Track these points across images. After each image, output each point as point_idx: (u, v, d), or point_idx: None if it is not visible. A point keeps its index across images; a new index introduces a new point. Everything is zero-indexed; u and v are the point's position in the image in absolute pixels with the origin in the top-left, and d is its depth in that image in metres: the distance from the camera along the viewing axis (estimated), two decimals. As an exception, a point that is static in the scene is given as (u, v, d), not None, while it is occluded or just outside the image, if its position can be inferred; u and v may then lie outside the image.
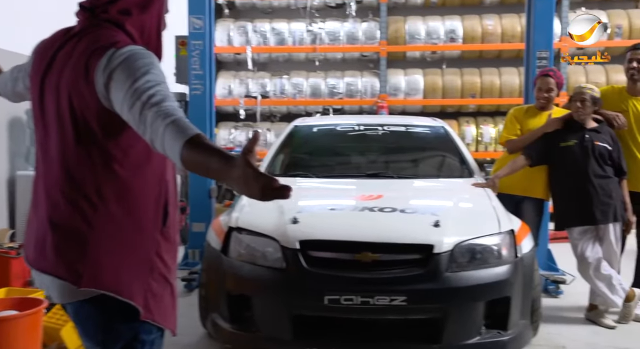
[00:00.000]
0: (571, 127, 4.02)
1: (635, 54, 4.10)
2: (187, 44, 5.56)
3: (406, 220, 3.27)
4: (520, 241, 3.35)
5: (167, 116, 1.46)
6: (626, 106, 4.10)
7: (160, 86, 1.55)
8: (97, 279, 1.65)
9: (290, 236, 3.13)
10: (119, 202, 1.69)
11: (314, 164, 4.50)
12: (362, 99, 9.28)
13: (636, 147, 4.07)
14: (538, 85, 4.23)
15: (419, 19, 9.30)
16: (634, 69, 4.07)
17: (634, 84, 4.11)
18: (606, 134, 3.99)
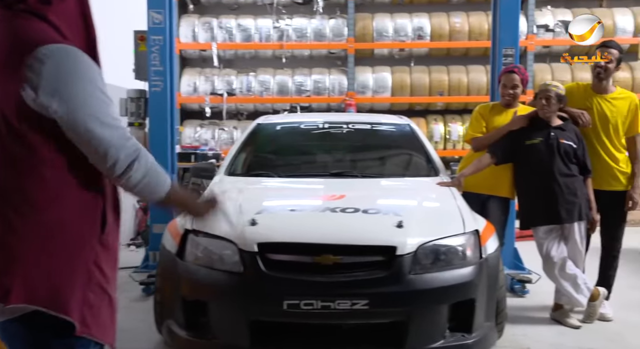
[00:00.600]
0: (536, 124, 3.97)
1: (601, 52, 4.07)
2: (147, 39, 5.38)
3: (368, 221, 3.16)
4: (485, 241, 3.28)
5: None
6: (590, 103, 4.07)
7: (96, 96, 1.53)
8: (27, 295, 1.53)
9: (248, 239, 3.00)
10: (50, 209, 1.55)
11: (277, 163, 4.38)
12: (329, 97, 9.19)
13: (600, 145, 4.05)
14: (503, 82, 4.17)
15: (386, 16, 9.24)
16: (601, 67, 4.03)
17: (599, 82, 4.09)
18: (571, 132, 3.95)
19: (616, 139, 4.06)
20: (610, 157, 4.06)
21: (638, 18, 8.99)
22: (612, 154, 4.06)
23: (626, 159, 4.12)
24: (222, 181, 4.00)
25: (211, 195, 2.02)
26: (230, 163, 4.27)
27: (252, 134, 4.64)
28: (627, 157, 4.12)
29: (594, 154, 4.02)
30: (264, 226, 3.07)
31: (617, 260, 4.22)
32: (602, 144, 4.05)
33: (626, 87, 8.77)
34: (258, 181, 4.01)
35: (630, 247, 6.33)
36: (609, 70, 4.04)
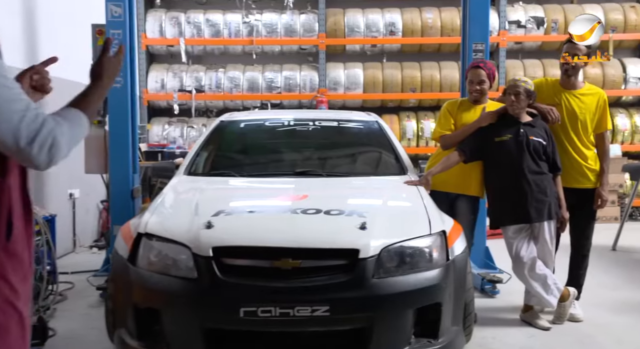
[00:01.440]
0: (506, 121, 3.87)
1: (571, 48, 3.98)
2: (105, 33, 5.16)
3: (330, 222, 3.02)
4: (452, 242, 3.16)
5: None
6: (559, 99, 3.98)
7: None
8: None
9: (202, 242, 2.84)
10: None
11: (239, 162, 4.22)
12: (301, 94, 9.04)
13: (568, 142, 3.96)
14: (469, 78, 4.06)
15: (358, 12, 9.12)
16: (568, 63, 3.95)
17: (567, 78, 4.00)
18: (541, 128, 3.85)
19: (585, 136, 3.98)
20: (578, 155, 3.97)
21: (609, 14, 8.99)
22: (580, 152, 3.97)
23: (595, 156, 4.04)
24: (180, 182, 3.83)
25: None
26: (191, 162, 4.09)
27: (215, 132, 4.47)
28: (595, 155, 4.05)
29: (562, 151, 3.94)
30: (220, 229, 2.91)
31: (587, 259, 4.15)
32: (571, 141, 3.96)
33: (597, 84, 8.79)
34: (218, 181, 3.84)
35: (601, 244, 6.33)
36: (577, 66, 3.95)
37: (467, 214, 4.01)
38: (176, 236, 2.93)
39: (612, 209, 8.34)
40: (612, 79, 8.99)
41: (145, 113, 8.99)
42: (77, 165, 5.40)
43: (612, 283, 5.09)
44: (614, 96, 9.07)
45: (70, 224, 6.27)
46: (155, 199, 3.53)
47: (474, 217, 4.07)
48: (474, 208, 4.07)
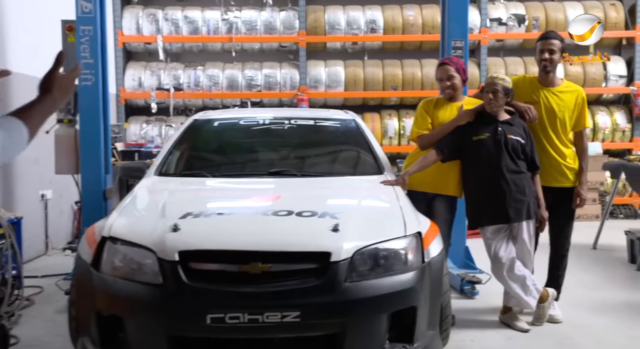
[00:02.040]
0: (484, 119, 3.80)
1: (545, 44, 3.91)
2: (76, 29, 5.02)
3: (302, 225, 2.91)
4: (428, 244, 3.07)
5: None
6: (537, 97, 3.91)
7: None
8: None
9: (168, 246, 2.72)
10: None
11: (212, 162, 4.11)
12: (281, 92, 8.93)
13: (547, 140, 3.89)
14: (438, 76, 3.99)
15: (338, 9, 9.02)
16: (546, 60, 3.88)
17: (546, 75, 3.93)
18: (519, 126, 3.78)
19: (563, 134, 3.92)
20: (557, 153, 3.91)
21: (590, 12, 8.94)
22: (559, 150, 3.91)
23: (573, 154, 3.98)
24: (150, 182, 3.71)
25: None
26: (162, 162, 3.97)
27: (188, 131, 4.35)
28: (574, 153, 3.98)
29: (541, 149, 3.87)
30: (187, 233, 2.80)
31: (566, 259, 4.09)
32: (549, 139, 3.90)
33: (578, 82, 8.78)
34: (189, 181, 3.73)
35: (581, 243, 6.31)
36: (554, 61, 3.89)
37: (445, 214, 3.93)
38: (141, 239, 2.81)
39: (593, 207, 8.34)
40: (593, 77, 8.99)
41: (122, 112, 8.82)
42: (49, 165, 5.25)
43: (592, 282, 5.05)
44: (595, 93, 9.08)
45: (42, 226, 6.11)
46: (123, 200, 3.40)
47: (452, 218, 3.99)
48: (452, 208, 3.99)
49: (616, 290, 4.83)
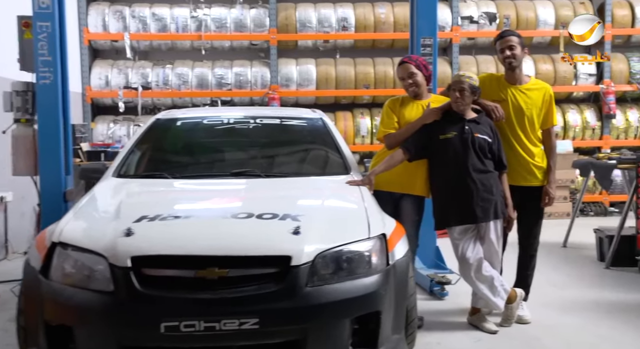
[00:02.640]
0: (450, 118, 3.73)
1: (503, 42, 3.85)
2: (32, 25, 4.84)
3: (261, 227, 2.81)
4: (393, 246, 2.99)
5: None
6: (505, 95, 3.86)
7: None
8: None
9: (120, 252, 2.60)
10: None
11: (173, 163, 3.98)
12: (252, 90, 8.81)
13: (515, 138, 3.84)
14: (399, 76, 3.93)
15: (310, 6, 8.93)
16: (509, 57, 3.82)
17: (512, 72, 3.88)
18: (486, 125, 3.73)
19: (531, 132, 3.87)
20: (525, 152, 3.86)
21: (559, 11, 9.03)
22: (527, 148, 3.86)
23: (542, 153, 3.93)
24: (107, 184, 3.57)
25: None
26: (121, 164, 3.83)
27: (149, 131, 4.20)
28: (542, 151, 3.94)
29: (509, 148, 3.82)
30: (140, 237, 2.68)
31: (534, 259, 4.05)
32: (517, 137, 3.84)
33: (548, 80, 8.84)
34: (148, 183, 3.60)
35: (551, 241, 6.32)
36: (518, 56, 3.84)
37: (412, 215, 3.85)
38: (92, 245, 2.69)
39: (563, 205, 8.37)
40: (563, 75, 9.04)
41: (88, 111, 8.61)
42: (7, 167, 5.06)
43: (562, 281, 5.03)
44: (565, 92, 9.13)
45: (1, 229, 5.90)
46: (77, 204, 3.27)
47: (419, 218, 3.92)
48: (419, 208, 3.92)
49: (585, 289, 4.81)
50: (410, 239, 3.80)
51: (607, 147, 8.95)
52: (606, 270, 5.41)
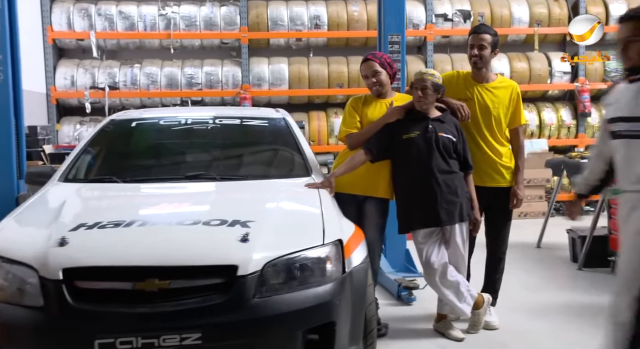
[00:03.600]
0: (414, 116, 3.59)
1: (475, 39, 3.72)
2: (-20, 22, 4.62)
3: (207, 235, 2.64)
4: (350, 252, 2.84)
5: None
6: (471, 93, 3.73)
7: None
8: None
9: (51, 263, 2.42)
10: None
11: (125, 167, 3.79)
12: (223, 90, 8.61)
13: (481, 138, 3.71)
14: (363, 73, 3.79)
15: (281, 4, 8.75)
16: (476, 56, 3.69)
17: (478, 70, 3.75)
18: (450, 124, 3.59)
19: (498, 132, 3.74)
20: (492, 151, 3.73)
21: (533, 8, 8.95)
22: (494, 148, 3.73)
23: (510, 153, 3.80)
24: (50, 189, 3.37)
25: None
26: (68, 167, 3.63)
27: (102, 132, 4.02)
28: (510, 151, 3.81)
29: (475, 147, 3.69)
30: (75, 247, 2.50)
31: (502, 262, 3.92)
32: (484, 137, 3.71)
33: (523, 78, 8.77)
34: (95, 188, 3.41)
35: (526, 242, 6.21)
36: (485, 57, 3.70)
37: (375, 218, 3.71)
38: (23, 255, 2.50)
39: (539, 204, 8.29)
40: (538, 73, 8.95)
41: (53, 112, 8.36)
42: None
43: (533, 283, 4.92)
44: (540, 90, 9.06)
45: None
46: (13, 211, 3.06)
47: (383, 221, 3.77)
48: (383, 211, 3.77)
49: (556, 291, 4.70)
50: (374, 243, 3.67)
51: (583, 146, 8.89)
52: (579, 271, 5.31)
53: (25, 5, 7.79)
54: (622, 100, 2.65)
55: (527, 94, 9.06)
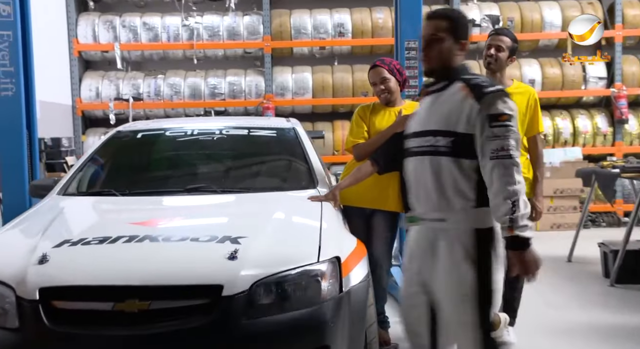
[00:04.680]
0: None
1: (494, 39, 3.53)
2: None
3: (193, 252, 2.51)
4: (349, 270, 2.67)
5: None
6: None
7: None
8: None
9: (28, 282, 2.32)
10: None
11: (126, 179, 3.71)
12: (246, 100, 8.53)
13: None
14: (371, 80, 3.62)
15: (305, 12, 8.65)
16: (491, 56, 3.49)
17: (492, 74, 3.54)
18: None
19: (515, 141, 3.51)
20: (509, 162, 3.50)
21: (566, 11, 8.62)
22: (510, 159, 3.50)
23: (527, 163, 3.57)
24: (47, 203, 3.30)
25: None
26: (69, 180, 3.56)
27: (107, 144, 3.97)
28: (528, 162, 3.58)
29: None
30: (55, 264, 2.39)
31: (521, 280, 3.65)
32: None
33: (556, 84, 8.45)
34: (90, 201, 3.33)
35: (556, 255, 5.90)
36: (500, 59, 3.49)
37: (384, 232, 3.53)
38: (2, 273, 2.41)
39: (573, 215, 7.93)
40: (572, 79, 8.60)
41: (79, 124, 8.42)
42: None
43: (560, 301, 4.63)
44: (574, 96, 8.71)
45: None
46: (5, 225, 3.00)
47: (392, 235, 3.58)
48: (393, 225, 3.58)
49: (584, 310, 4.41)
50: (382, 259, 3.50)
51: (620, 155, 8.47)
52: (610, 288, 4.99)
53: (52, 18, 7.94)
54: (419, 113, 2.56)
55: (560, 100, 8.73)
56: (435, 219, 2.43)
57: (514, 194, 2.26)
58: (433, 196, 2.41)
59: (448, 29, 2.43)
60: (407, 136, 2.56)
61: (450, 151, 2.36)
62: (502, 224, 2.28)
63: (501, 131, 2.30)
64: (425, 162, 2.42)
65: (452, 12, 2.57)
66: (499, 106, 2.33)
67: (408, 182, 2.56)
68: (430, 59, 2.46)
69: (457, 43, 2.46)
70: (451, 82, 2.45)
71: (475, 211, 2.37)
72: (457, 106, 2.37)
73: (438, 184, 2.39)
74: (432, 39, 2.44)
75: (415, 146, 2.49)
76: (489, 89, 2.37)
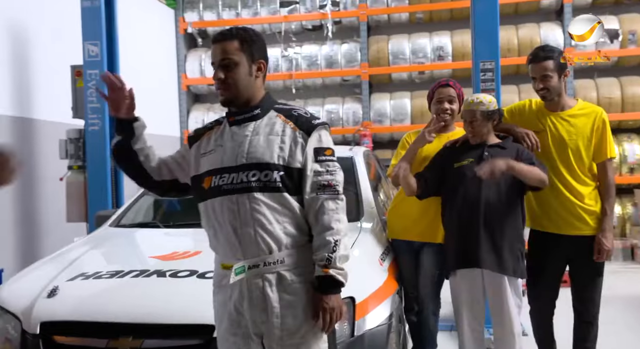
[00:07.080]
0: (470, 145, 3.07)
1: (535, 70, 3.11)
2: (83, 74, 4.99)
3: (194, 289, 2.43)
4: (366, 311, 2.46)
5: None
6: (544, 124, 3.11)
7: None
8: None
9: (33, 315, 2.38)
10: None
11: (173, 210, 3.76)
12: (344, 128, 8.48)
13: (557, 177, 3.05)
14: (437, 97, 3.31)
15: (403, 37, 8.47)
16: (542, 89, 3.08)
17: (550, 101, 3.13)
18: (513, 150, 2.98)
19: (579, 168, 3.05)
20: (571, 192, 3.04)
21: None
22: (573, 188, 3.04)
23: (594, 194, 3.07)
24: (94, 235, 3.41)
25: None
26: (124, 211, 3.68)
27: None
28: (595, 192, 3.09)
29: (551, 189, 3.03)
30: (61, 298, 2.44)
31: (594, 328, 3.15)
32: (560, 175, 3.05)
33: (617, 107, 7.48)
34: (128, 233, 3.39)
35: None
36: (552, 88, 3.07)
37: (432, 268, 3.22)
38: (14, 305, 2.50)
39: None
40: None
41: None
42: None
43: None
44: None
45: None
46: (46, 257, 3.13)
47: (441, 272, 3.26)
48: (442, 260, 3.27)
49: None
50: (427, 299, 3.23)
51: None
52: None
53: (163, 55, 8.48)
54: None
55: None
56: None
57: (337, 233, 1.99)
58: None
59: (240, 49, 2.08)
60: (210, 172, 2.08)
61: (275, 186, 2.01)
62: (318, 261, 1.99)
63: (328, 166, 2.05)
64: (242, 200, 2.00)
65: (243, 30, 2.12)
66: (323, 138, 2.08)
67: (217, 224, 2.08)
68: (228, 87, 2.08)
69: (254, 63, 2.11)
70: (263, 111, 2.12)
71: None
72: (279, 138, 2.05)
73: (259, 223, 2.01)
74: (224, 65, 2.07)
75: (226, 183, 2.02)
76: (315, 121, 2.09)
